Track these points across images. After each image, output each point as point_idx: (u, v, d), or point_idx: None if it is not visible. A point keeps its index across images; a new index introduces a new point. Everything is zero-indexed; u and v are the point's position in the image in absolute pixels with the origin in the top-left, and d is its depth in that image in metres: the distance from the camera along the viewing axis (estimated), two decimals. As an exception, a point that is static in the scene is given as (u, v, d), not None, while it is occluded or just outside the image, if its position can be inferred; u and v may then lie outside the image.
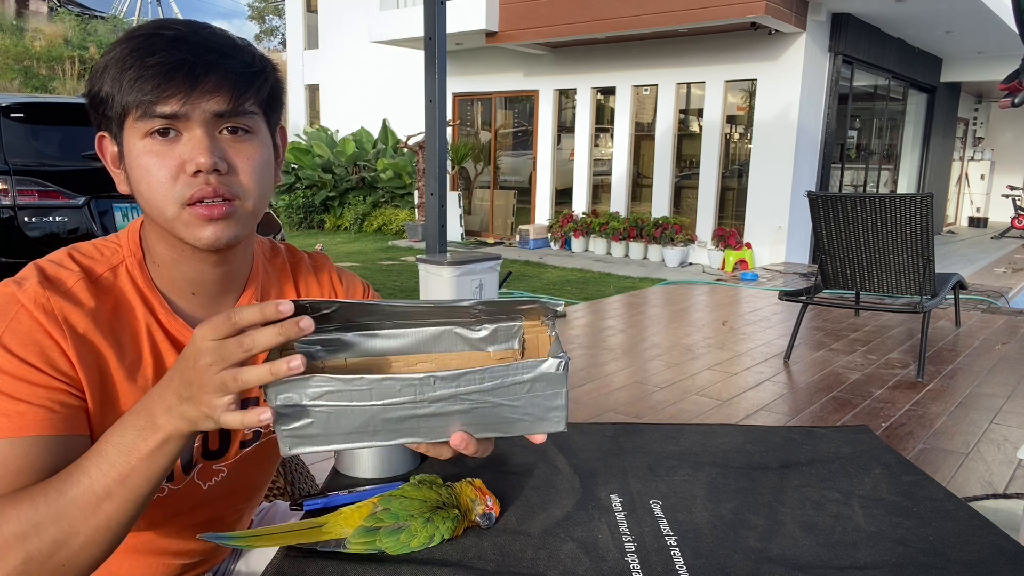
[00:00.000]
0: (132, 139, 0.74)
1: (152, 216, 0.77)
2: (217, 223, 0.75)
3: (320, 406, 0.60)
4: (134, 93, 0.71)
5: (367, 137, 12.85)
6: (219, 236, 0.76)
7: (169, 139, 0.73)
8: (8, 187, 4.14)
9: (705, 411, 3.37)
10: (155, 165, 0.73)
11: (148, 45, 0.72)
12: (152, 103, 0.71)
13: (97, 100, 0.74)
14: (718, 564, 0.74)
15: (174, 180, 0.73)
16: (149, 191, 0.74)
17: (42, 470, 0.69)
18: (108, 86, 0.72)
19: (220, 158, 0.74)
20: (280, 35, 31.84)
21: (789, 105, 8.45)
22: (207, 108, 0.73)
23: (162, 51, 0.72)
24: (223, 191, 0.74)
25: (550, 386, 0.65)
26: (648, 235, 9.32)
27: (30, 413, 0.69)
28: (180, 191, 0.74)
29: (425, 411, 0.63)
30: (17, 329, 0.71)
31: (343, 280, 1.01)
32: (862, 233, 3.97)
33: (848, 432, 1.12)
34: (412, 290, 6.14)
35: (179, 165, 0.73)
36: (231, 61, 0.74)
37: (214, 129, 0.74)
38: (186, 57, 0.72)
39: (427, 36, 4.09)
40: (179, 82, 0.71)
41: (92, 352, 0.75)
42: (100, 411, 0.76)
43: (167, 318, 0.82)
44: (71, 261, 0.79)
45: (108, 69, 0.72)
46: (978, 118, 15.47)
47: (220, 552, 0.98)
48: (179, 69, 0.71)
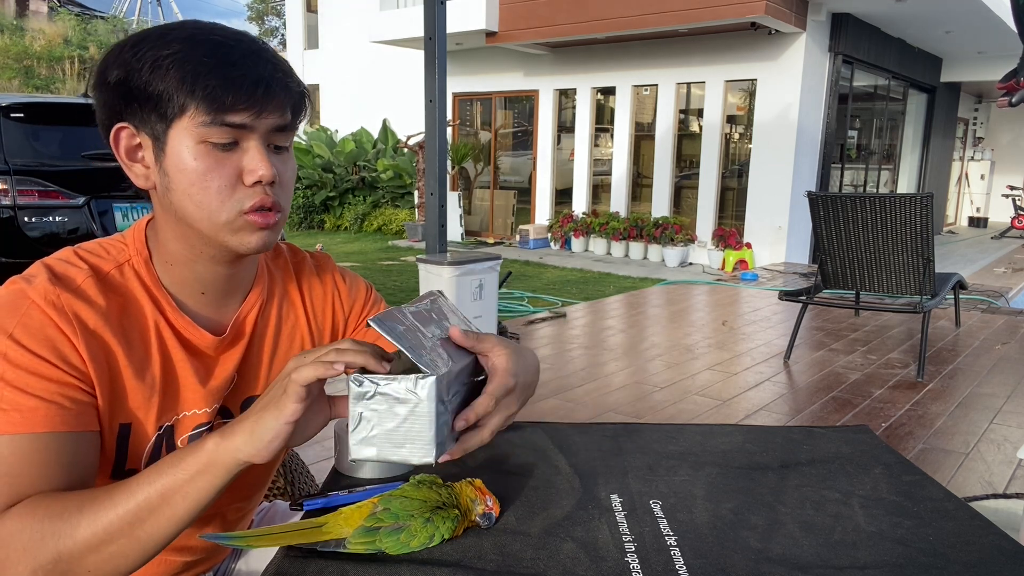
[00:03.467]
0: (184, 141, 0.74)
1: (194, 219, 0.77)
2: (264, 231, 0.78)
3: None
4: (208, 99, 0.71)
5: (367, 137, 12.85)
6: (266, 243, 0.79)
7: (228, 148, 0.75)
8: (8, 187, 4.14)
9: (705, 411, 3.37)
10: (214, 172, 0.74)
11: (223, 54, 0.73)
12: (226, 112, 0.72)
13: (143, 93, 0.73)
14: (718, 564, 0.74)
15: (232, 188, 0.75)
16: (204, 196, 0.75)
17: (53, 466, 0.69)
18: (168, 84, 0.71)
19: (276, 171, 0.77)
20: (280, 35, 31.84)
21: (789, 105, 8.45)
22: (270, 123, 0.75)
23: (241, 64, 0.73)
24: (273, 203, 0.78)
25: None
26: (648, 235, 9.32)
27: (42, 409, 0.70)
28: (239, 199, 0.76)
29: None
30: (29, 324, 0.71)
31: (346, 281, 1.00)
32: (862, 233, 3.97)
33: (848, 432, 1.12)
34: (412, 290, 6.14)
35: (237, 174, 0.75)
36: (291, 81, 0.77)
37: (267, 143, 0.77)
38: (263, 74, 0.74)
39: (427, 36, 4.09)
40: (258, 97, 0.73)
41: (102, 348, 0.76)
42: (109, 407, 0.77)
43: (175, 316, 0.82)
44: (78, 259, 0.79)
45: (166, 66, 0.71)
46: (978, 118, 15.47)
47: (220, 551, 0.98)
48: (258, 85, 0.73)
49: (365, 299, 1.01)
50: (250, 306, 0.89)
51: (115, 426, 0.78)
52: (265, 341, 0.91)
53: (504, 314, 5.56)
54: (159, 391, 0.81)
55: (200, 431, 0.85)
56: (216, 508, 0.93)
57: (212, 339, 0.84)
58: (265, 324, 0.91)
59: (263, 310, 0.91)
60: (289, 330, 0.94)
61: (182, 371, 0.83)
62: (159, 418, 0.81)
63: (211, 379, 0.85)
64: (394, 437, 0.67)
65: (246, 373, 0.89)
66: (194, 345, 0.84)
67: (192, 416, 0.84)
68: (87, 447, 0.73)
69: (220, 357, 0.86)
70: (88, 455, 0.74)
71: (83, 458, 0.73)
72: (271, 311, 0.92)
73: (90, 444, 0.74)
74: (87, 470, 0.73)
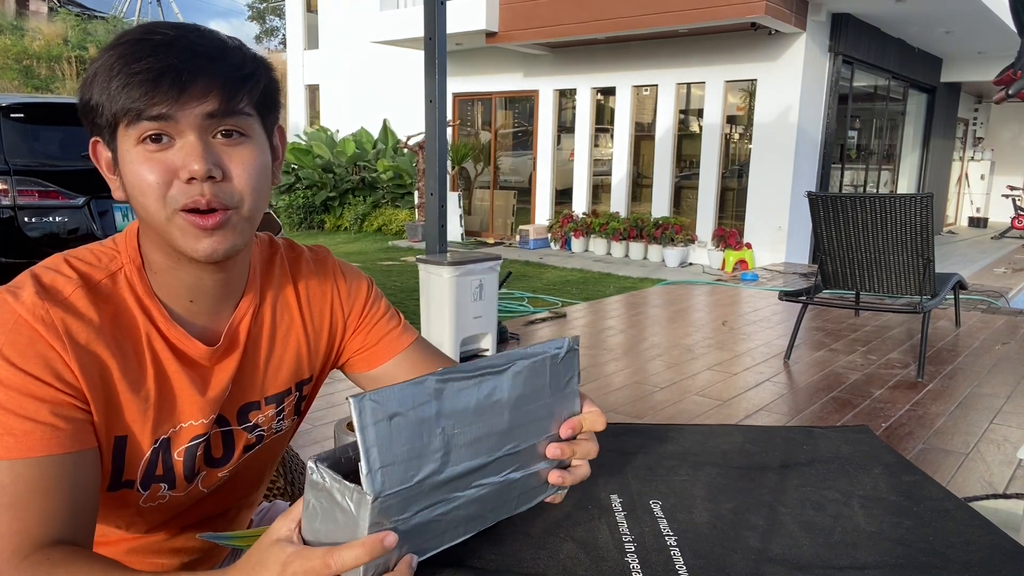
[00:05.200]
0: (125, 145, 0.72)
1: (147, 223, 0.75)
2: (213, 235, 0.73)
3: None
4: (122, 101, 0.70)
5: (367, 137, 12.85)
6: (216, 249, 0.74)
7: (162, 145, 0.72)
8: (8, 187, 4.14)
9: (705, 411, 3.37)
10: (148, 171, 0.72)
11: (134, 51, 0.71)
12: (140, 110, 0.70)
13: (88, 108, 0.73)
14: (718, 564, 0.74)
15: (167, 186, 0.72)
16: (143, 197, 0.72)
17: (55, 494, 0.68)
18: (97, 94, 0.71)
19: (215, 164, 0.72)
20: (280, 35, 31.85)
21: (789, 105, 8.45)
22: (197, 112, 0.71)
23: (148, 57, 0.70)
24: (216, 202, 0.72)
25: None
26: (648, 235, 9.32)
27: (36, 432, 0.68)
28: (173, 197, 0.72)
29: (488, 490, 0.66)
30: (18, 341, 0.69)
31: (347, 279, 0.97)
32: (862, 233, 3.97)
33: (848, 432, 1.12)
34: (412, 290, 6.14)
35: (172, 171, 0.72)
36: (220, 64, 0.72)
37: (207, 134, 0.72)
38: (172, 62, 0.70)
39: (427, 36, 4.09)
40: (166, 88, 0.69)
41: (95, 362, 0.74)
42: (104, 421, 0.75)
43: (166, 326, 0.80)
44: (68, 267, 0.76)
45: (97, 77, 0.71)
46: (978, 118, 15.47)
47: (219, 552, 0.98)
48: (165, 75, 0.69)
49: (366, 298, 0.97)
50: (243, 313, 0.86)
51: (111, 439, 0.77)
52: (260, 347, 0.88)
53: (504, 314, 5.56)
54: (154, 403, 0.79)
55: (197, 442, 0.84)
56: (216, 509, 0.93)
57: (205, 349, 0.82)
58: (259, 329, 0.88)
59: (256, 315, 0.88)
60: (284, 333, 0.91)
61: (177, 382, 0.81)
62: (155, 430, 0.80)
63: (208, 389, 0.83)
64: (335, 538, 0.58)
65: (242, 380, 0.87)
66: (188, 356, 0.81)
67: (189, 428, 0.82)
68: (88, 465, 0.72)
69: (215, 367, 0.84)
70: (89, 473, 0.72)
71: (85, 478, 0.71)
72: (264, 314, 0.89)
73: (90, 462, 0.72)
74: (90, 489, 0.72)
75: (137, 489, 0.82)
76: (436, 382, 0.62)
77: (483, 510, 0.67)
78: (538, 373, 0.70)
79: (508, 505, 0.70)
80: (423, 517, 0.61)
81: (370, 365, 0.98)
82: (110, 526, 0.85)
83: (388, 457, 0.57)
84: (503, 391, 0.66)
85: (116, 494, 0.81)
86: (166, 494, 0.84)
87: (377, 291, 1.00)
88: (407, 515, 0.60)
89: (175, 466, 0.83)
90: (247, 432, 0.89)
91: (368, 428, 0.56)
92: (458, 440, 0.63)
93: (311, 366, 0.94)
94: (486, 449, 0.65)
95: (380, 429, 0.57)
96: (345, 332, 0.97)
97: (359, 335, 0.97)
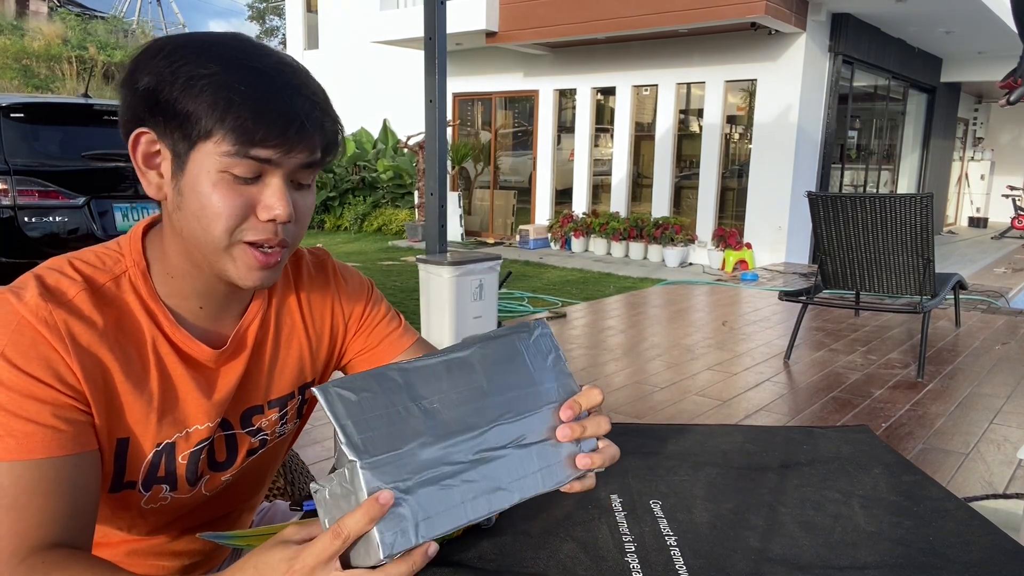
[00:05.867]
0: (205, 164, 0.71)
1: (197, 242, 0.74)
2: (266, 270, 0.76)
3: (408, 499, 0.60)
4: (236, 131, 0.69)
5: (367, 137, 12.85)
6: (265, 281, 0.77)
7: (250, 179, 0.72)
8: (8, 187, 4.14)
9: (705, 411, 3.37)
10: (225, 199, 0.71)
11: (261, 85, 0.69)
12: (254, 146, 0.69)
13: (170, 108, 0.70)
14: (718, 564, 0.74)
15: (241, 219, 0.72)
16: (212, 222, 0.72)
17: (56, 495, 0.68)
18: (199, 106, 0.68)
19: (293, 210, 0.74)
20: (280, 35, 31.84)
21: (789, 105, 8.45)
22: (297, 161, 0.72)
23: (276, 99, 0.69)
24: (281, 240, 0.75)
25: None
26: (648, 235, 9.32)
27: (38, 434, 0.68)
28: (244, 231, 0.73)
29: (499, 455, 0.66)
30: (20, 342, 0.69)
31: (346, 281, 0.97)
32: (862, 233, 3.97)
33: (848, 432, 1.12)
34: (412, 290, 6.14)
35: (251, 206, 0.72)
36: (328, 120, 0.74)
37: (291, 179, 0.74)
38: (298, 111, 0.70)
39: (427, 36, 4.09)
40: (290, 135, 0.70)
41: (96, 365, 0.73)
42: (106, 424, 0.75)
43: (172, 329, 0.80)
44: (72, 269, 0.75)
45: (199, 87, 0.68)
46: (978, 118, 15.47)
47: (220, 552, 0.98)
48: (292, 122, 0.70)
49: (366, 301, 0.97)
50: (251, 317, 0.87)
51: (113, 441, 0.77)
52: (265, 350, 0.89)
53: (504, 314, 5.56)
54: (157, 407, 0.79)
55: (201, 446, 0.84)
56: (218, 512, 0.93)
57: (211, 352, 0.82)
58: (265, 333, 0.88)
59: (263, 320, 0.88)
60: (287, 336, 0.91)
61: (183, 386, 0.81)
62: (158, 433, 0.80)
63: (215, 392, 0.83)
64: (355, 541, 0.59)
65: (246, 384, 0.87)
66: (193, 359, 0.81)
67: (195, 432, 0.82)
68: (88, 468, 0.72)
69: (221, 369, 0.84)
70: (90, 476, 0.72)
71: (85, 480, 0.71)
72: (269, 319, 0.89)
73: (91, 464, 0.72)
74: (91, 492, 0.72)
75: (139, 490, 0.82)
76: (399, 370, 0.65)
77: (501, 482, 0.66)
78: (507, 347, 0.72)
79: (532, 480, 0.68)
80: (429, 484, 0.61)
81: (371, 367, 0.97)
82: (112, 527, 0.85)
83: (365, 428, 0.60)
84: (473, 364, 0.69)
85: (118, 495, 0.81)
86: (168, 495, 0.84)
87: (377, 293, 1.01)
88: (408, 480, 0.60)
89: (178, 469, 0.83)
90: (250, 436, 0.89)
91: (338, 408, 0.59)
92: (443, 413, 0.64)
93: (313, 369, 0.95)
94: (478, 415, 0.66)
95: (349, 406, 0.60)
96: (346, 335, 0.97)
97: (360, 337, 0.97)
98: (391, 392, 0.63)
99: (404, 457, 0.60)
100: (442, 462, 0.63)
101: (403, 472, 0.60)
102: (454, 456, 0.64)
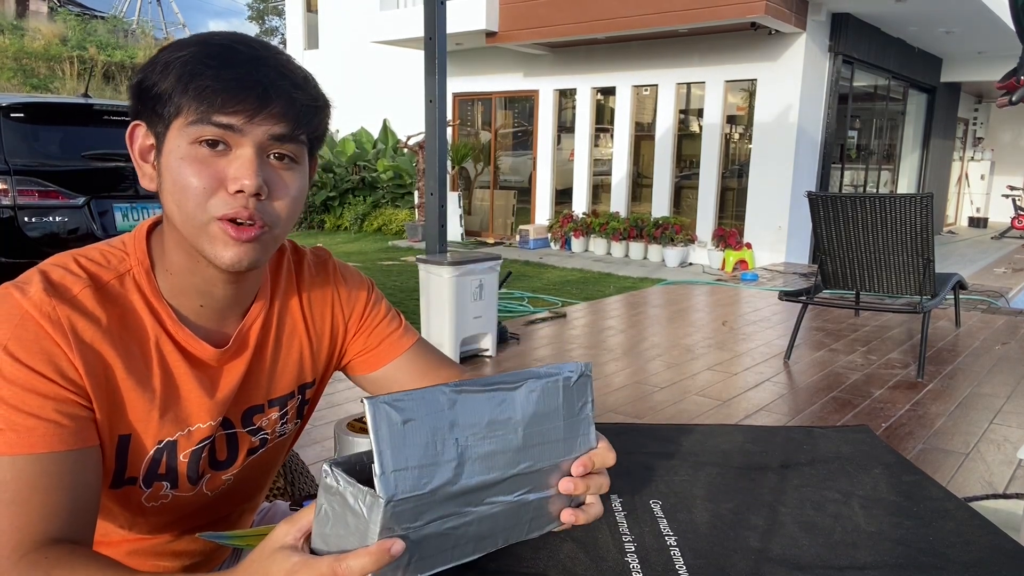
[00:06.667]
0: (177, 140, 0.72)
1: (176, 221, 0.75)
2: (243, 245, 0.74)
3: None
4: (199, 99, 0.70)
5: (367, 137, 12.85)
6: (241, 259, 0.75)
7: (216, 151, 0.72)
8: (8, 187, 4.14)
9: (705, 411, 3.37)
10: (196, 173, 0.72)
11: (226, 56, 0.72)
12: (214, 112, 0.70)
13: (148, 92, 0.73)
14: (718, 564, 0.74)
15: (211, 192, 0.72)
16: (182, 196, 0.73)
17: (56, 490, 0.68)
18: (168, 84, 0.71)
19: (264, 182, 0.73)
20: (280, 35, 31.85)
21: (789, 105, 8.45)
22: (265, 130, 0.72)
23: (239, 66, 0.71)
24: (257, 217, 0.74)
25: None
26: (648, 235, 9.32)
27: (39, 428, 0.68)
28: (215, 205, 0.73)
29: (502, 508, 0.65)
30: (23, 336, 0.69)
31: (346, 282, 0.97)
32: (862, 233, 3.97)
33: (848, 432, 1.12)
34: (412, 290, 6.14)
35: (220, 179, 0.72)
36: (301, 92, 0.75)
37: (264, 152, 0.74)
38: (262, 78, 0.71)
39: (427, 36, 4.09)
40: (250, 100, 0.71)
41: (99, 361, 0.74)
42: (108, 420, 0.75)
43: (175, 328, 0.80)
44: (76, 266, 0.76)
45: (172, 67, 0.71)
46: (978, 118, 15.47)
47: (221, 552, 0.98)
48: (253, 88, 0.71)
49: (366, 301, 0.98)
50: (254, 317, 0.87)
51: (114, 437, 0.77)
52: (267, 350, 0.89)
53: (504, 314, 5.56)
54: (159, 404, 0.79)
55: (203, 445, 0.84)
56: (219, 513, 0.94)
57: (214, 351, 0.82)
58: (267, 333, 0.89)
59: (266, 319, 0.89)
60: (288, 336, 0.91)
61: (185, 384, 0.81)
62: (160, 431, 0.80)
63: (217, 391, 0.83)
64: (344, 544, 0.58)
65: (248, 383, 0.87)
66: (196, 357, 0.82)
67: (197, 431, 0.83)
68: (89, 463, 0.72)
69: (224, 368, 0.84)
70: (91, 471, 0.72)
71: (86, 476, 0.71)
72: (272, 319, 0.90)
73: (92, 460, 0.73)
74: (92, 487, 0.72)
75: (140, 486, 0.82)
76: (451, 392, 0.61)
77: (494, 529, 0.66)
78: (550, 394, 0.69)
79: (520, 529, 0.69)
80: (434, 529, 0.60)
81: (372, 367, 0.98)
82: (113, 525, 0.86)
83: (401, 461, 0.57)
84: (516, 407, 0.66)
85: (119, 491, 0.81)
86: (168, 493, 0.84)
87: (378, 293, 1.01)
88: (418, 524, 0.59)
89: (179, 467, 0.83)
90: (251, 435, 0.90)
91: (382, 430, 0.56)
92: (472, 452, 0.62)
93: (314, 369, 0.95)
94: (500, 465, 0.65)
95: (394, 432, 0.57)
96: (346, 335, 0.97)
97: (360, 338, 0.97)
98: (434, 417, 0.60)
99: (424, 500, 0.59)
100: (453, 509, 0.62)
101: (417, 518, 0.59)
102: (466, 503, 0.63)
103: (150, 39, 23.00)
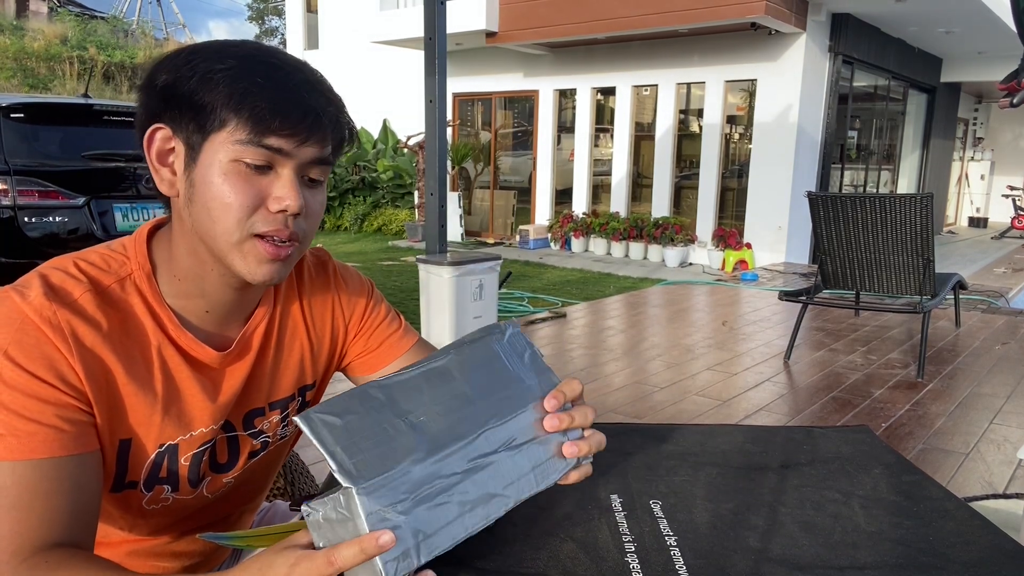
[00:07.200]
0: (218, 153, 0.72)
1: (206, 234, 0.75)
2: (276, 263, 0.76)
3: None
4: (254, 119, 0.70)
5: (367, 137, 12.85)
6: (273, 276, 0.77)
7: (260, 171, 0.73)
8: (8, 187, 4.14)
9: (705, 411, 3.37)
10: (240, 191, 0.72)
11: (276, 77, 0.72)
12: (267, 135, 0.71)
13: (186, 100, 0.71)
14: (718, 564, 0.74)
15: (252, 210, 0.73)
16: (223, 212, 0.73)
17: (57, 495, 0.68)
18: (215, 97, 0.70)
19: (304, 203, 0.75)
20: (280, 35, 31.86)
21: (789, 105, 8.45)
22: (309, 154, 0.74)
23: (291, 90, 0.72)
24: (291, 235, 0.75)
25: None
26: (648, 235, 9.32)
27: (40, 434, 0.68)
28: (255, 223, 0.73)
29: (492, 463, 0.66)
30: (24, 341, 0.69)
31: (346, 283, 0.97)
32: (862, 233, 3.97)
33: (848, 432, 1.12)
34: (412, 290, 6.14)
35: (262, 197, 0.73)
36: (342, 117, 0.76)
37: (301, 173, 0.75)
38: (314, 104, 0.73)
39: (427, 36, 4.09)
40: (304, 127, 0.72)
41: (99, 366, 0.73)
42: (108, 425, 0.75)
43: (177, 332, 0.80)
44: (77, 270, 0.75)
45: (218, 79, 0.70)
46: (978, 118, 15.48)
47: (221, 553, 0.98)
48: (307, 114, 0.72)
49: (366, 303, 0.98)
50: (258, 321, 0.87)
51: (115, 442, 0.77)
52: (268, 352, 0.89)
53: (504, 314, 5.56)
54: (160, 409, 0.79)
55: (205, 448, 0.84)
56: (219, 514, 0.94)
57: (216, 354, 0.82)
58: (269, 336, 0.89)
59: (268, 322, 0.89)
60: (289, 338, 0.91)
61: (187, 388, 0.81)
62: (161, 435, 0.80)
63: (219, 394, 0.83)
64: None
65: (249, 386, 0.87)
66: (198, 361, 0.81)
67: (199, 434, 0.83)
68: (90, 468, 0.72)
69: (226, 371, 0.84)
70: (91, 477, 0.72)
71: (87, 481, 0.71)
72: (274, 321, 0.90)
73: (92, 465, 0.72)
74: (92, 492, 0.72)
75: (140, 490, 0.82)
76: (379, 387, 0.64)
77: (496, 489, 0.66)
78: (481, 349, 0.72)
79: (526, 482, 0.69)
80: (427, 503, 0.61)
81: (372, 368, 0.98)
82: (113, 527, 0.86)
83: (355, 453, 0.59)
84: (452, 372, 0.68)
85: (120, 495, 0.81)
86: (169, 496, 0.84)
87: (378, 294, 1.01)
88: (406, 501, 0.59)
89: (180, 470, 0.83)
90: (252, 438, 0.90)
91: (325, 436, 0.58)
92: (431, 426, 0.63)
93: (314, 371, 0.95)
94: (468, 424, 0.66)
95: (336, 433, 0.59)
96: (346, 337, 0.97)
97: (360, 339, 0.97)
98: (375, 411, 0.62)
99: (398, 477, 0.59)
100: (436, 476, 0.62)
101: (399, 493, 0.59)
102: (447, 469, 0.63)
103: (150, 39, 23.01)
